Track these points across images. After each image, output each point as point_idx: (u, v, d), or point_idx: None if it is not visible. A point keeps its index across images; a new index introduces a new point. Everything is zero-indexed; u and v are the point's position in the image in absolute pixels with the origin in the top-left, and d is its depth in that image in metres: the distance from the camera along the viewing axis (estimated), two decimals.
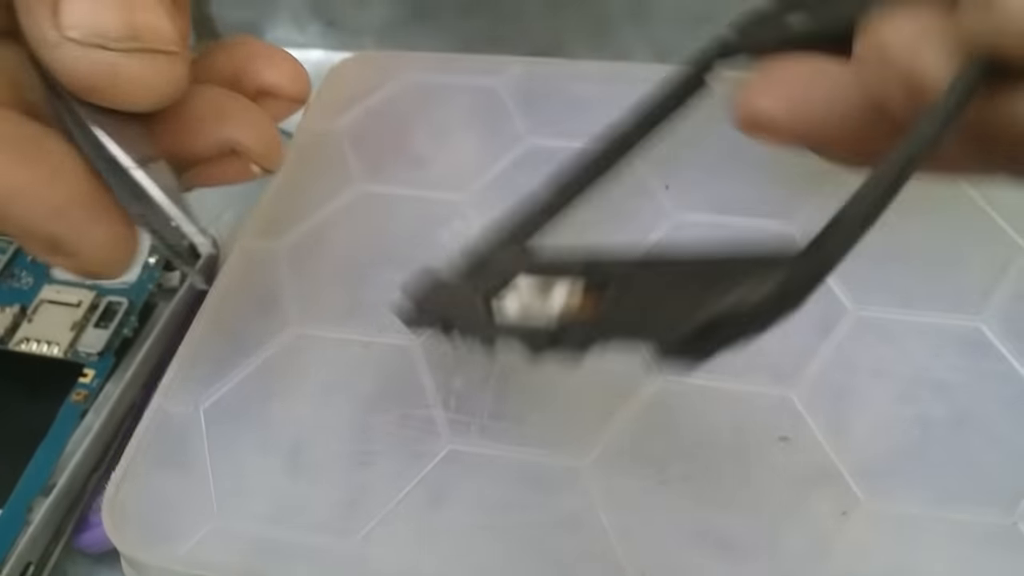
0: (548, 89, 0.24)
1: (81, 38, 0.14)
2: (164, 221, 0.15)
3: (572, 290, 0.15)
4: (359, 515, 0.16)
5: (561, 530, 0.16)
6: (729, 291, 0.12)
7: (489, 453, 0.17)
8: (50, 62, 0.15)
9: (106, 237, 0.15)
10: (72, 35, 0.14)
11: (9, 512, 0.22)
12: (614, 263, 0.14)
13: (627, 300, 0.14)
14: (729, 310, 0.12)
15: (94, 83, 0.15)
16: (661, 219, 0.21)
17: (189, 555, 0.16)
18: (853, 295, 0.19)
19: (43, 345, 0.26)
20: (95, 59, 0.14)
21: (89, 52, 0.14)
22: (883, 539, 0.16)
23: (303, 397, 0.18)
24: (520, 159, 0.22)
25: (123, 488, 0.17)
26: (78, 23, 0.14)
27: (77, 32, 0.14)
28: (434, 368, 0.18)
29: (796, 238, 0.19)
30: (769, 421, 0.17)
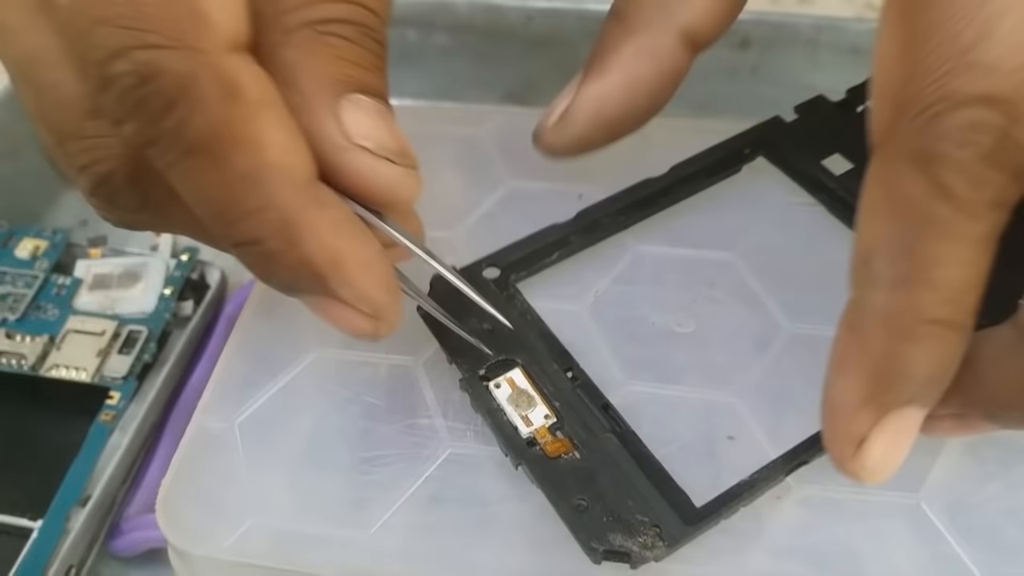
0: (526, 136, 0.26)
1: (374, 147, 0.16)
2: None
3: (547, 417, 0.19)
4: (373, 510, 0.19)
5: (545, 519, 0.18)
6: (634, 532, 0.17)
7: (483, 454, 0.19)
8: (339, 163, 0.16)
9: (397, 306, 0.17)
10: (365, 143, 0.16)
11: (49, 522, 0.24)
12: (582, 425, 0.19)
13: (575, 472, 0.18)
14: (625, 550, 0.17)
15: (381, 187, 0.17)
16: (626, 251, 0.23)
17: (232, 547, 0.18)
18: (787, 314, 0.22)
19: (72, 371, 0.28)
20: (384, 169, 0.16)
21: (378, 161, 0.16)
22: (810, 519, 0.18)
23: (322, 410, 0.20)
24: (502, 200, 0.25)
25: (172, 492, 0.19)
26: (367, 134, 0.16)
27: (370, 142, 0.16)
28: (434, 384, 0.21)
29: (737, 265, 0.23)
30: (718, 422, 0.20)
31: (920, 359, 0.15)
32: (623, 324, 0.22)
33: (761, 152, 0.25)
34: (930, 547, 0.18)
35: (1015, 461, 0.19)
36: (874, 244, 0.16)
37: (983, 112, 0.14)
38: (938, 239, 0.15)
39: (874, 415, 0.16)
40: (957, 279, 0.15)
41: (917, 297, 0.15)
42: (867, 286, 0.16)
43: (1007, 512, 0.19)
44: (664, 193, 0.24)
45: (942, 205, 0.15)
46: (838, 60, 0.35)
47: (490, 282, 0.22)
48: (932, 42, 0.15)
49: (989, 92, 0.14)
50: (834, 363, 0.16)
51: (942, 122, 0.15)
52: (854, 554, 0.18)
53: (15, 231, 0.31)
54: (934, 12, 0.15)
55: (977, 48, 0.14)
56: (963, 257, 0.15)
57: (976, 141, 0.15)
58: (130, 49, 0.14)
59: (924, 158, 0.15)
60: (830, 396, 0.16)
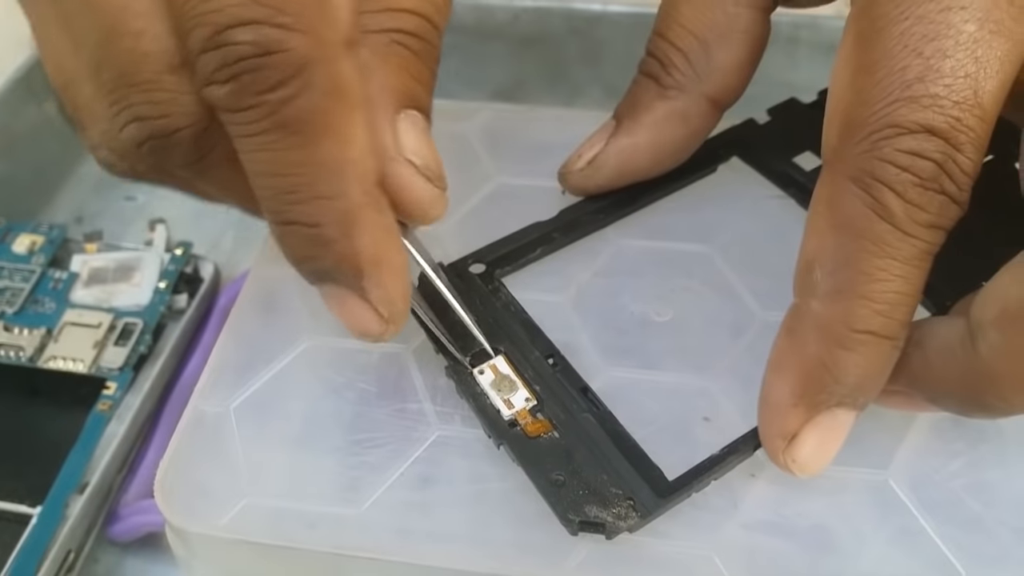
0: (513, 133, 0.27)
1: (420, 165, 0.17)
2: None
3: (528, 400, 0.20)
4: (364, 489, 0.19)
5: (527, 496, 0.19)
6: (609, 504, 0.18)
7: (469, 437, 0.20)
8: (387, 171, 0.17)
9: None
10: (413, 160, 0.17)
11: (48, 508, 0.25)
12: (561, 407, 0.20)
13: (553, 450, 0.19)
14: (600, 521, 0.18)
15: (417, 203, 0.18)
16: (607, 245, 0.24)
17: (228, 525, 0.19)
18: (760, 302, 0.22)
19: (69, 362, 0.28)
20: (424, 187, 0.17)
21: (421, 179, 0.17)
22: (783, 495, 0.19)
23: (315, 395, 0.21)
24: (489, 196, 0.25)
25: (170, 473, 0.20)
26: (416, 151, 0.17)
27: (418, 159, 0.17)
28: (423, 370, 0.21)
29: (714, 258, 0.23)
30: (694, 405, 0.21)
31: (850, 365, 0.17)
32: (604, 314, 0.23)
33: (735, 152, 0.26)
34: (897, 521, 0.19)
35: (979, 440, 0.20)
36: (815, 255, 0.17)
37: (924, 141, 0.16)
38: (874, 255, 0.16)
39: (805, 414, 0.17)
40: (890, 293, 0.16)
41: (851, 308, 0.16)
42: (807, 294, 0.17)
43: (970, 488, 0.19)
44: (643, 192, 0.24)
45: (880, 224, 0.16)
46: (816, 57, 0.36)
47: (476, 276, 0.23)
48: (881, 71, 0.16)
49: (930, 123, 0.16)
50: (772, 363, 0.18)
51: (885, 147, 0.16)
52: (825, 528, 0.19)
53: (12, 227, 0.32)
54: (885, 43, 0.16)
55: (922, 82, 0.16)
56: (896, 273, 0.16)
57: (916, 166, 0.16)
58: (259, 23, 0.15)
59: (866, 179, 0.16)
60: (765, 394, 0.18)
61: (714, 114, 0.23)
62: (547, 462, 0.19)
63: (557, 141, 0.26)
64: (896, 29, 0.16)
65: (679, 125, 0.23)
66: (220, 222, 0.35)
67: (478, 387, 0.20)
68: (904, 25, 0.16)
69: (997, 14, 0.15)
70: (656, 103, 0.23)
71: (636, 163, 0.23)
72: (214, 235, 0.35)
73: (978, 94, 0.16)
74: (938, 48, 0.16)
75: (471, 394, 0.20)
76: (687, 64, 0.22)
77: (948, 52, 0.15)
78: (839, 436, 0.18)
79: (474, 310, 0.22)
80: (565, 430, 0.19)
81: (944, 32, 0.16)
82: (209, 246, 0.34)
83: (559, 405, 0.20)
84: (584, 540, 0.18)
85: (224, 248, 0.34)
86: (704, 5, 0.22)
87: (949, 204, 0.16)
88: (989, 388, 0.16)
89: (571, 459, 0.19)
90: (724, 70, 0.22)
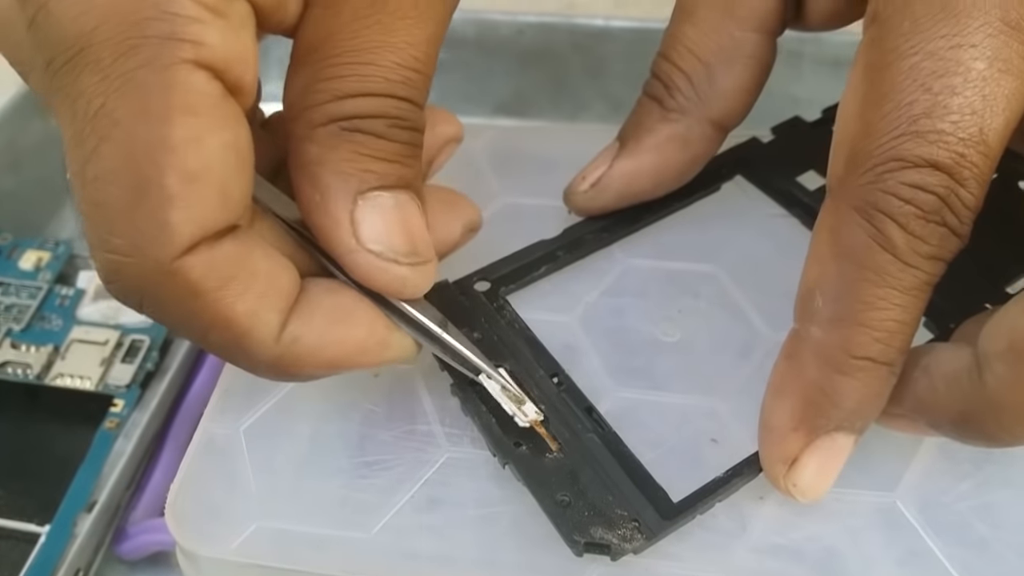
0: (518, 151, 0.27)
1: (380, 252, 0.17)
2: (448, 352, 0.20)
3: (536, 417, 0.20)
4: (373, 512, 0.19)
5: (536, 518, 0.19)
6: (614, 525, 0.18)
7: (478, 459, 0.20)
8: (347, 263, 0.17)
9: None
10: (373, 248, 0.17)
11: (56, 527, 0.25)
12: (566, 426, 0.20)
13: (558, 470, 0.19)
14: (605, 542, 0.18)
15: (386, 287, 0.18)
16: (614, 265, 0.24)
17: (239, 548, 0.19)
18: (769, 323, 0.23)
19: (76, 379, 0.28)
20: (390, 270, 0.17)
21: (385, 264, 0.17)
22: (791, 518, 0.19)
23: (324, 418, 0.21)
24: (495, 214, 0.25)
25: (181, 496, 0.20)
26: (377, 239, 0.17)
27: (377, 247, 0.17)
28: (432, 391, 0.21)
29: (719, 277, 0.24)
30: (702, 426, 0.21)
31: (849, 391, 0.17)
32: (611, 334, 0.23)
33: (739, 171, 0.26)
34: (905, 544, 0.19)
35: (985, 461, 0.20)
36: (816, 282, 0.17)
37: (928, 175, 0.16)
38: (874, 284, 0.16)
39: (804, 438, 0.17)
40: (889, 322, 0.17)
41: (850, 335, 0.17)
42: (807, 320, 0.17)
43: (978, 509, 0.20)
44: (647, 211, 0.25)
45: (882, 254, 0.16)
46: (820, 72, 0.36)
47: (481, 294, 0.23)
48: (889, 105, 0.16)
49: (935, 159, 0.16)
50: (771, 388, 0.18)
51: (889, 179, 0.16)
52: (833, 551, 0.19)
53: (18, 243, 0.32)
54: (894, 77, 0.16)
55: (929, 117, 0.16)
56: (896, 302, 0.16)
57: (919, 199, 0.16)
58: (97, 250, 0.16)
59: (870, 209, 0.16)
60: (766, 418, 0.18)
61: (717, 137, 0.23)
62: (552, 482, 0.19)
63: (562, 159, 0.26)
64: (906, 64, 0.16)
65: (681, 148, 0.23)
66: None
67: (483, 406, 0.20)
68: (914, 60, 0.16)
69: (1006, 53, 0.16)
70: (659, 126, 0.23)
71: (639, 185, 0.23)
72: None
73: (984, 131, 0.16)
74: (947, 85, 0.16)
75: (476, 412, 0.20)
76: (691, 87, 0.22)
77: (957, 89, 0.16)
78: (839, 460, 0.18)
79: (478, 328, 0.22)
80: (570, 450, 0.19)
81: (953, 69, 0.16)
82: None
83: (564, 425, 0.20)
84: (593, 563, 0.18)
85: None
86: (710, 28, 0.22)
87: (950, 236, 0.16)
88: (993, 419, 0.16)
89: (576, 480, 0.19)
90: (728, 94, 0.22)
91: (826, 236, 0.17)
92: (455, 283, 0.23)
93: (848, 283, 0.17)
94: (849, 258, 0.17)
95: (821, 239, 0.17)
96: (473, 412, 0.20)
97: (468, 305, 0.22)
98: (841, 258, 0.17)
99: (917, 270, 0.16)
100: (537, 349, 0.22)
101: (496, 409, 0.20)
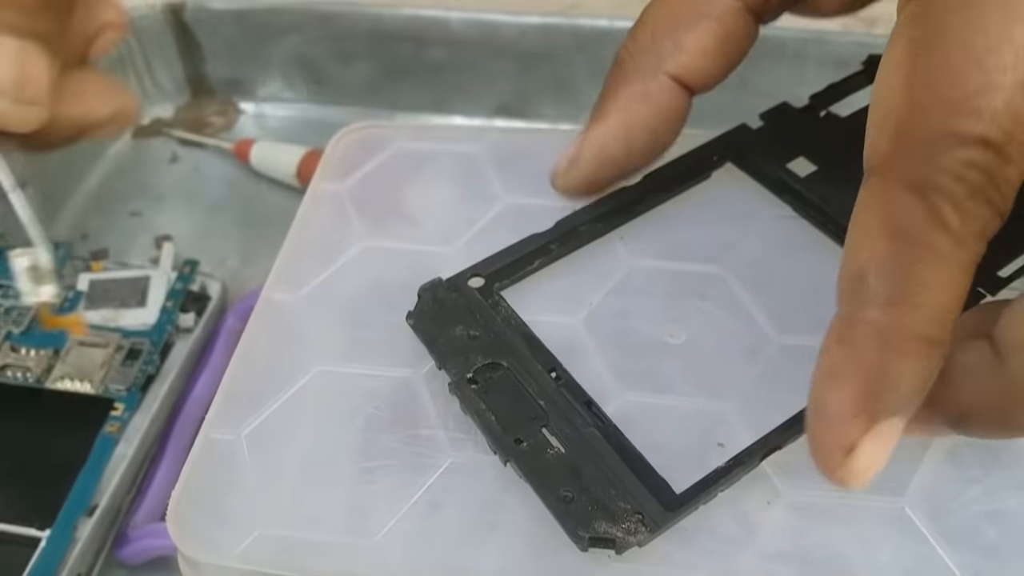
0: (521, 154, 0.27)
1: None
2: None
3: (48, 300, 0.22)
4: (377, 518, 0.19)
5: (541, 523, 0.19)
6: (618, 519, 0.18)
7: (482, 463, 0.20)
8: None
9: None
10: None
11: (57, 531, 0.25)
12: (566, 422, 0.20)
13: (560, 466, 0.19)
14: (610, 536, 0.18)
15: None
16: (618, 266, 0.24)
17: (241, 555, 0.19)
18: (776, 326, 0.22)
19: (76, 383, 0.28)
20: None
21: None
22: (799, 523, 0.19)
23: (326, 423, 0.21)
24: (498, 216, 0.25)
25: (182, 502, 0.19)
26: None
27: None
28: (435, 396, 0.21)
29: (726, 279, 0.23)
30: (708, 430, 0.20)
31: (908, 373, 0.17)
32: (616, 336, 0.22)
33: (729, 158, 0.26)
34: (914, 549, 0.19)
35: (994, 466, 0.20)
36: (868, 264, 0.17)
37: (979, 152, 0.16)
38: (931, 264, 0.16)
39: (865, 424, 0.17)
40: (944, 301, 0.16)
41: (909, 315, 0.16)
42: (860, 303, 0.17)
43: (987, 515, 0.19)
44: (638, 201, 0.25)
45: (937, 233, 0.16)
46: (824, 72, 0.36)
47: (475, 291, 0.23)
48: (940, 81, 0.16)
49: (986, 135, 0.16)
50: (824, 375, 0.17)
51: (942, 156, 0.16)
52: (841, 556, 0.19)
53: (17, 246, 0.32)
54: (945, 54, 0.16)
55: (981, 95, 0.16)
56: (951, 281, 0.16)
57: (971, 177, 0.16)
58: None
59: (923, 187, 0.16)
60: (820, 406, 0.17)
61: (679, 95, 0.23)
62: (555, 478, 0.19)
63: None
64: (957, 39, 0.16)
65: (643, 103, 0.23)
66: (226, 240, 0.35)
67: (482, 404, 0.20)
68: (965, 35, 0.16)
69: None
70: (619, 88, 0.23)
71: (612, 149, 0.24)
72: (220, 253, 0.35)
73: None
74: (999, 63, 0.16)
75: (475, 410, 0.20)
76: (652, 46, 0.23)
77: (1009, 66, 0.15)
78: (892, 445, 0.17)
79: (474, 325, 0.22)
80: (572, 445, 0.19)
81: (1007, 47, 0.16)
82: (215, 264, 0.33)
83: (564, 420, 0.20)
84: (599, 569, 0.18)
85: (230, 266, 0.34)
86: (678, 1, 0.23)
87: (995, 215, 0.16)
88: (1019, 407, 0.16)
89: (579, 474, 0.19)
90: (687, 50, 0.23)
91: (876, 215, 0.17)
92: (448, 280, 0.23)
93: (904, 263, 0.16)
94: (903, 237, 0.16)
95: (869, 218, 0.17)
96: (472, 411, 0.20)
97: (463, 302, 0.22)
98: (894, 237, 0.16)
99: (968, 248, 0.16)
100: (534, 345, 0.22)
101: (495, 407, 0.20)
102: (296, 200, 0.26)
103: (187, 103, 0.42)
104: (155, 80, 0.41)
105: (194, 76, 0.42)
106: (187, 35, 0.41)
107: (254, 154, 0.38)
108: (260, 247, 0.34)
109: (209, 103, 0.42)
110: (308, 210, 0.26)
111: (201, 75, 0.42)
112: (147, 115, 0.41)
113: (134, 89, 0.41)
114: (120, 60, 0.40)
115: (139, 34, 0.40)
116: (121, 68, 0.40)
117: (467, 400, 0.20)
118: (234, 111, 0.42)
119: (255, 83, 0.42)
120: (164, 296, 0.31)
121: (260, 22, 0.40)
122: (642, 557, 0.18)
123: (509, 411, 0.20)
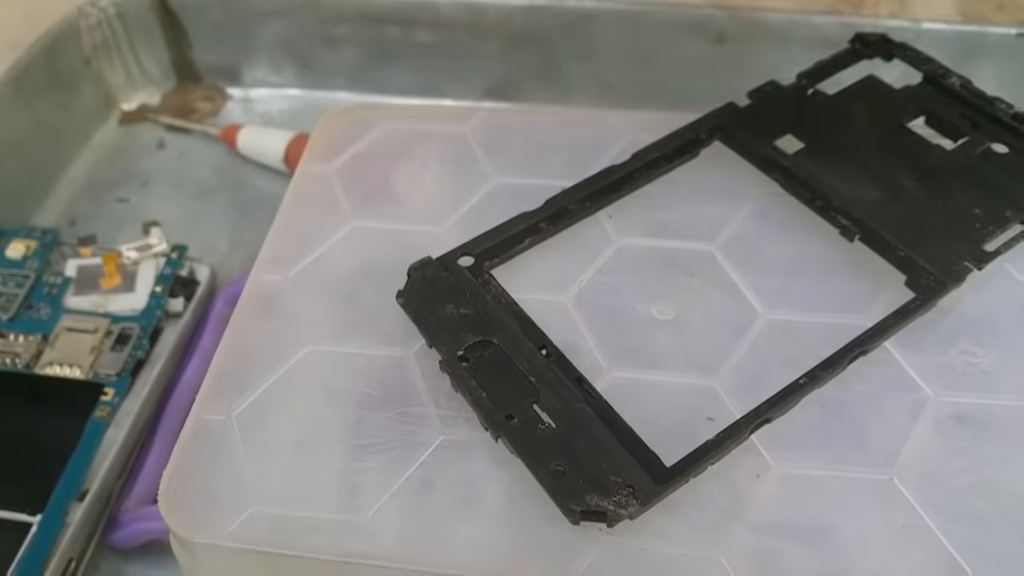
0: (509, 133, 0.27)
1: None
2: None
3: None
4: (369, 495, 0.19)
5: (532, 499, 0.19)
6: (609, 492, 0.18)
7: (473, 440, 0.20)
8: None
9: None
10: None
11: (48, 516, 0.25)
12: (557, 397, 0.20)
13: (551, 441, 0.19)
14: (601, 509, 0.18)
15: None
16: (607, 244, 0.24)
17: (233, 534, 0.19)
18: (764, 301, 0.22)
19: (66, 368, 0.28)
20: None
21: None
22: (789, 495, 0.19)
23: (317, 402, 0.21)
24: (487, 196, 0.25)
25: (174, 483, 0.20)
26: None
27: None
28: (426, 374, 0.21)
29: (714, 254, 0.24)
30: (698, 405, 0.21)
31: None
32: (606, 313, 0.23)
33: (717, 136, 0.26)
34: (902, 520, 0.19)
35: (983, 438, 0.20)
36: None
37: None
38: None
39: None
40: None
41: None
42: None
43: (974, 485, 0.19)
44: (627, 179, 0.25)
45: None
46: (810, 53, 0.36)
47: (465, 269, 0.23)
48: None
49: None
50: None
51: None
52: (830, 527, 0.19)
53: (5, 232, 0.32)
54: None
55: None
56: None
57: None
58: None
59: None
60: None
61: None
62: (546, 453, 0.19)
63: (554, 140, 0.27)
64: None
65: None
66: (214, 225, 0.35)
67: (473, 380, 0.20)
68: None
69: None
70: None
71: None
72: (209, 238, 0.34)
73: None
74: None
75: (466, 387, 0.20)
76: None
77: None
78: None
79: (465, 304, 0.22)
80: (562, 421, 0.20)
81: None
82: (204, 249, 0.33)
83: (555, 396, 0.20)
84: (590, 543, 0.18)
85: (219, 251, 0.34)
86: None
87: None
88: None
89: (570, 449, 0.19)
90: None
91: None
92: (438, 259, 0.23)
93: None
94: None
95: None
96: (463, 388, 0.20)
97: (453, 281, 0.22)
98: None
99: None
100: (524, 322, 0.22)
101: (486, 383, 0.20)
102: (284, 185, 0.26)
103: (173, 89, 0.42)
104: (141, 66, 0.41)
105: (180, 61, 0.42)
106: (173, 20, 0.40)
107: (241, 139, 0.38)
108: (248, 232, 0.34)
109: (195, 88, 0.42)
110: (296, 191, 0.26)
111: (187, 60, 0.42)
112: (133, 101, 0.41)
113: (120, 75, 0.40)
114: (106, 46, 0.39)
115: (125, 20, 0.39)
116: (107, 54, 0.40)
117: (458, 377, 0.20)
118: (221, 96, 0.42)
119: (241, 68, 0.41)
120: (153, 281, 0.30)
121: (246, 6, 0.40)
122: (633, 530, 0.19)
123: (500, 388, 0.20)
